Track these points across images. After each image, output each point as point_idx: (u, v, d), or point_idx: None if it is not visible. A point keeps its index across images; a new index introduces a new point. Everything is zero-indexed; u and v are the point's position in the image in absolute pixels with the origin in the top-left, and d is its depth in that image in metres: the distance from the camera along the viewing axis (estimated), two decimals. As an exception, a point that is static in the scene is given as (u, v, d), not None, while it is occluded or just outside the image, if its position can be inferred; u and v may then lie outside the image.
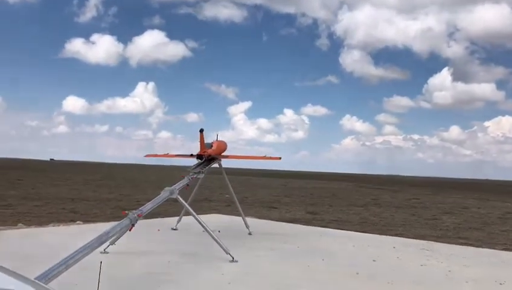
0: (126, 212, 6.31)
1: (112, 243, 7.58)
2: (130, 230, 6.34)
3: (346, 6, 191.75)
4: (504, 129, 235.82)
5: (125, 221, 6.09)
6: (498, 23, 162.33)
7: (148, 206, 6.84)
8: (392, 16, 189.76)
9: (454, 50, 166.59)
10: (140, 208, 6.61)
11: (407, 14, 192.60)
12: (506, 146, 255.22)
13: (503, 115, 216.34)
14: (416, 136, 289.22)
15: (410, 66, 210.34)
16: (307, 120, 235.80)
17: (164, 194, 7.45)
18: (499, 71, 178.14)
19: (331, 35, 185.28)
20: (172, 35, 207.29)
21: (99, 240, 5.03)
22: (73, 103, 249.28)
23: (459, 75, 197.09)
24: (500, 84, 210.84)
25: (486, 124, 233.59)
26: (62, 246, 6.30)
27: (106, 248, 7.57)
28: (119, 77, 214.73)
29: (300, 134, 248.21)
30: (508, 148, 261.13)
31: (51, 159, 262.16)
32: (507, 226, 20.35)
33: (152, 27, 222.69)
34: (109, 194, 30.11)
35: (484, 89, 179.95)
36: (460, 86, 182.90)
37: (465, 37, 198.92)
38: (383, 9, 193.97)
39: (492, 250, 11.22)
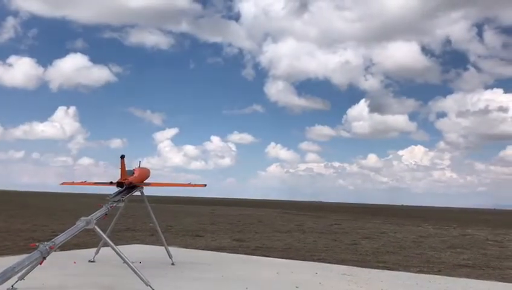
0: (36, 244, 5.92)
1: (21, 278, 7.03)
2: (40, 264, 5.95)
3: (271, 38, 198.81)
4: (416, 158, 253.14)
5: (35, 254, 5.71)
6: (409, 59, 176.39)
7: (61, 238, 6.47)
8: (314, 50, 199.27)
9: (370, 83, 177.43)
10: (53, 240, 6.24)
11: (327, 48, 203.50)
12: (419, 173, 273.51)
13: (416, 145, 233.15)
14: (337, 164, 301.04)
15: (331, 97, 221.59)
16: (233, 147, 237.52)
17: (80, 224, 7.07)
18: (410, 104, 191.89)
19: (256, 66, 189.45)
20: (95, 59, 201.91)
21: (4, 277, 4.65)
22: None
23: (375, 107, 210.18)
24: (412, 116, 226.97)
25: (401, 152, 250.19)
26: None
27: (14, 284, 6.99)
28: (38, 101, 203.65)
29: (227, 161, 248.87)
30: (420, 176, 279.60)
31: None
32: (421, 249, 21.46)
33: (75, 50, 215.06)
34: (22, 225, 28.04)
35: (398, 120, 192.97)
36: (377, 116, 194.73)
37: (380, 71, 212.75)
38: (305, 42, 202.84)
39: (408, 273, 11.74)
